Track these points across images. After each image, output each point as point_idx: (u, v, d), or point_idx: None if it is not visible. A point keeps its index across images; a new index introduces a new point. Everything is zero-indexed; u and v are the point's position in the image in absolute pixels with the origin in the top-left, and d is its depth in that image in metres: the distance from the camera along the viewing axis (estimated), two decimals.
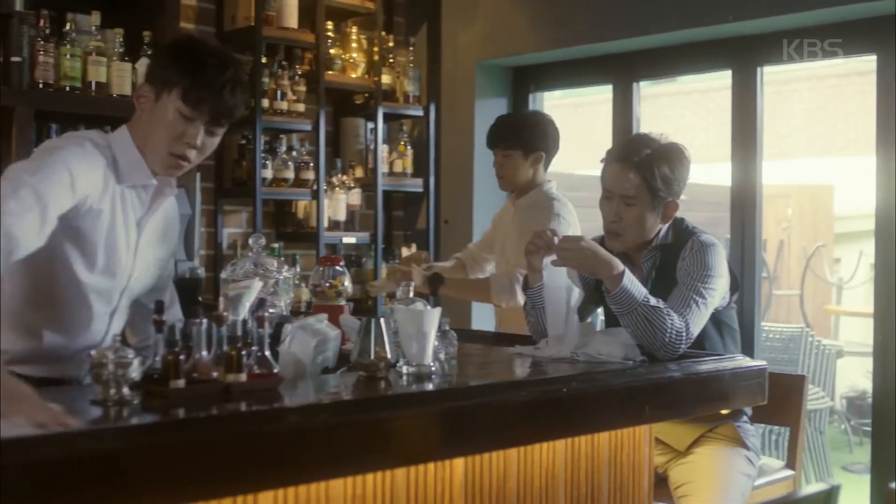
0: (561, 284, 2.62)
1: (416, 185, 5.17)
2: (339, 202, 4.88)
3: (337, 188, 4.88)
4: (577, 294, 2.66)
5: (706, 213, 7.65)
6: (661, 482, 2.92)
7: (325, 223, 4.78)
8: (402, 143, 5.18)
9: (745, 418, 2.94)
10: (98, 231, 2.30)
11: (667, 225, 2.84)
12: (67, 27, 3.91)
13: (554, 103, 9.05)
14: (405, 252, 4.98)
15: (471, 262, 3.94)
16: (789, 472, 3.15)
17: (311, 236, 4.79)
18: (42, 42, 3.83)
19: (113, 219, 2.33)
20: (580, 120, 9.72)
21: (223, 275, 2.65)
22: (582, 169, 7.95)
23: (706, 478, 2.79)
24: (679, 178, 2.77)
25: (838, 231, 8.98)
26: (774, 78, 9.62)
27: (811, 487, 1.76)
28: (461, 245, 4.34)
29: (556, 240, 2.60)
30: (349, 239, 4.98)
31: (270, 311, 2.45)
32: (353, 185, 4.98)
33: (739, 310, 4.14)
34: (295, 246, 4.87)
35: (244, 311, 2.11)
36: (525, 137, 3.69)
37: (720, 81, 4.40)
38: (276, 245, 4.59)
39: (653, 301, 2.53)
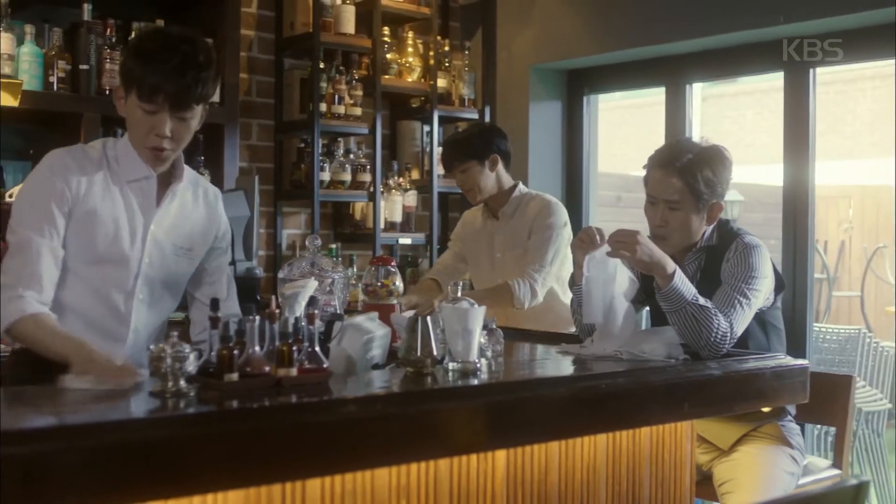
0: (601, 277, 2.64)
1: None
2: (395, 204, 4.97)
3: (393, 190, 4.97)
4: (627, 285, 2.66)
5: (764, 213, 7.60)
6: (705, 480, 2.96)
7: (382, 224, 4.87)
8: None
9: (789, 417, 2.96)
10: (90, 225, 2.44)
11: (711, 227, 2.89)
12: (133, 35, 4.04)
13: (613, 104, 9.02)
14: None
15: (445, 279, 3.90)
16: (835, 472, 3.16)
17: (368, 237, 4.87)
18: (109, 50, 3.97)
19: (113, 212, 2.47)
20: (638, 121, 9.67)
21: (280, 274, 2.72)
22: (638, 170, 7.93)
23: (749, 475, 2.83)
24: (722, 181, 2.82)
25: None
26: (839, 77, 9.47)
27: (842, 482, 1.81)
28: None
29: (598, 237, 2.64)
30: (405, 240, 5.05)
31: (326, 309, 2.55)
32: (409, 186, 5.07)
33: (791, 311, 4.15)
34: (352, 247, 4.97)
35: (300, 309, 2.18)
36: (474, 147, 3.80)
37: (782, 81, 4.38)
38: (333, 246, 4.71)
39: (702, 300, 2.58)
